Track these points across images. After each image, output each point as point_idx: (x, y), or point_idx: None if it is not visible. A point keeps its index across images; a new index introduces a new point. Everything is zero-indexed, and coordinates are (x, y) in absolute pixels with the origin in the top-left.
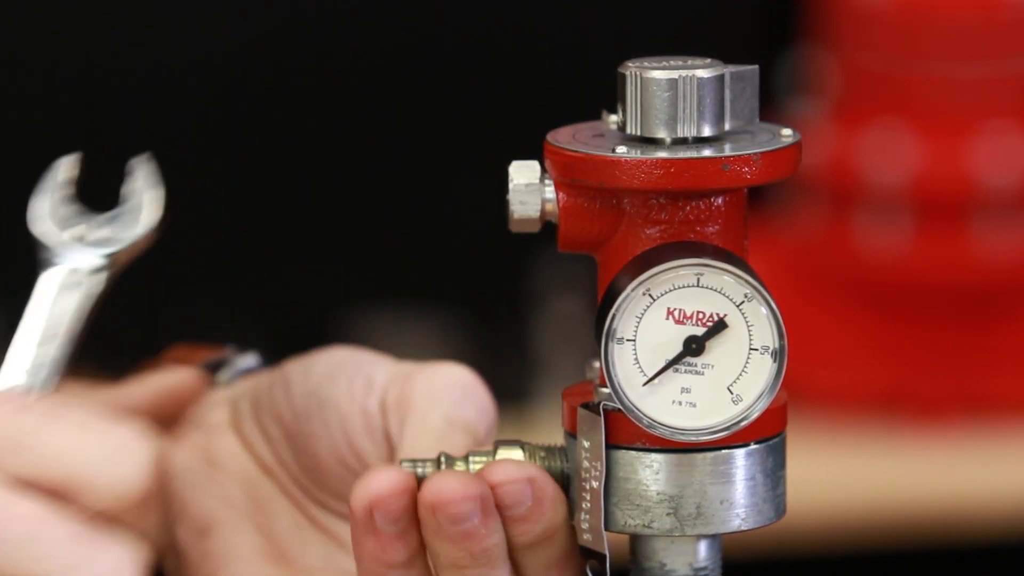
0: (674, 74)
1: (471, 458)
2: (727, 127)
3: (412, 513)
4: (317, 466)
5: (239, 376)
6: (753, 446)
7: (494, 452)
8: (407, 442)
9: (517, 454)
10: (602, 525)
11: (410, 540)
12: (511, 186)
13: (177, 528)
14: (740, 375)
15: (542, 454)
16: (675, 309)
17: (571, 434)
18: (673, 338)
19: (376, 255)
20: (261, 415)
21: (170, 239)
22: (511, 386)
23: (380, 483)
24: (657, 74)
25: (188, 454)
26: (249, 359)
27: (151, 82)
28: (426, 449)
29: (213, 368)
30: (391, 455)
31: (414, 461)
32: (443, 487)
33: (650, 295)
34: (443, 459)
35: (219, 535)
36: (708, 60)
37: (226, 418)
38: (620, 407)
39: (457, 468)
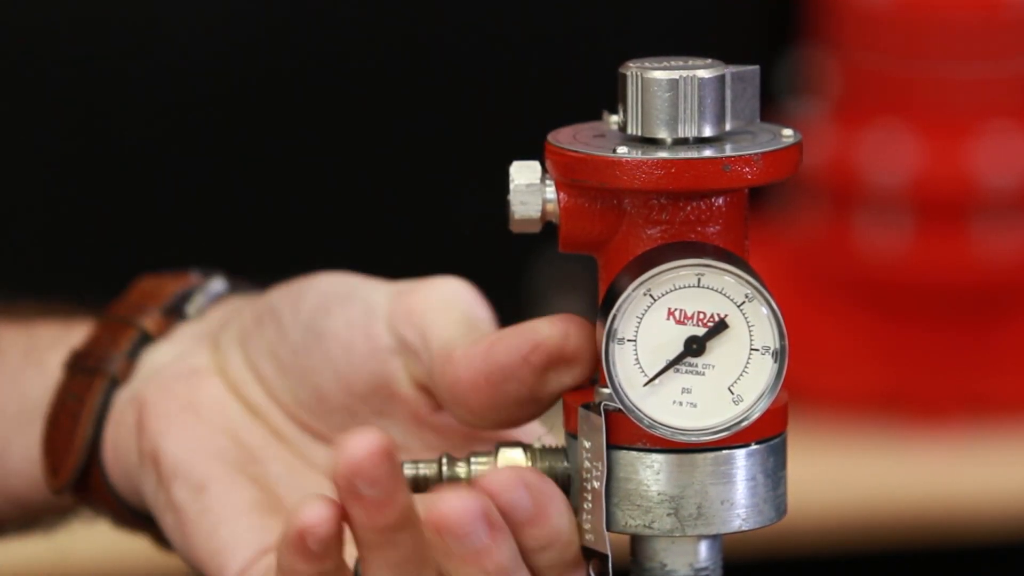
0: (675, 74)
1: (472, 459)
2: (728, 127)
3: (394, 475)
4: (320, 398)
5: (209, 303)
6: (754, 446)
7: (496, 453)
8: (436, 334)
9: (518, 453)
10: (603, 525)
11: (398, 503)
12: (512, 186)
13: (172, 487)
14: (741, 375)
15: (543, 455)
16: (676, 309)
17: (572, 434)
18: (674, 338)
19: (376, 255)
20: (251, 353)
21: (170, 239)
22: None
23: (356, 447)
24: (658, 74)
25: (172, 407)
26: (217, 283)
27: (152, 79)
28: (457, 340)
29: (180, 302)
30: (406, 365)
31: (415, 462)
32: (444, 507)
33: (651, 295)
34: (444, 460)
35: (213, 491)
36: (709, 60)
37: (207, 362)
38: (621, 407)
39: (458, 470)
